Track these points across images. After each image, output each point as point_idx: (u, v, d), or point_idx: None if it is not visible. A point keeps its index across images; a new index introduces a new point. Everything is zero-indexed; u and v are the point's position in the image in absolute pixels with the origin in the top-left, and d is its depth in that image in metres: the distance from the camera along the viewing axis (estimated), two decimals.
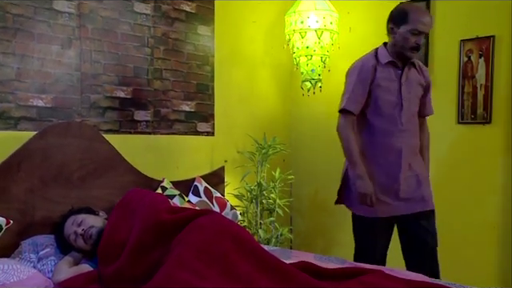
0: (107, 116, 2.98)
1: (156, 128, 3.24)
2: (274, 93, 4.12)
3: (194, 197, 3.12)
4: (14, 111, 2.59)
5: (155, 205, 2.23)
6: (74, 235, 2.25)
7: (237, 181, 3.64)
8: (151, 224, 2.08)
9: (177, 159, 3.38)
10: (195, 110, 3.48)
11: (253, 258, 1.92)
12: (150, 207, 2.19)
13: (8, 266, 2.02)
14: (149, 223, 2.09)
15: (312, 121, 4.10)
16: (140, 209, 2.21)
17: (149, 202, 2.26)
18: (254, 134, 3.63)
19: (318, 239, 4.03)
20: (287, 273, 1.85)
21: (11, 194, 2.38)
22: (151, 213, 2.14)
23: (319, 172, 4.05)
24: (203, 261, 1.84)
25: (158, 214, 2.12)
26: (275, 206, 3.56)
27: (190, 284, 1.67)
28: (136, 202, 2.30)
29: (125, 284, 1.96)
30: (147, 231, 2.07)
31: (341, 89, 2.96)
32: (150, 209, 2.18)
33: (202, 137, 3.54)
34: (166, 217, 2.11)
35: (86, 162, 2.65)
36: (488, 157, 3.15)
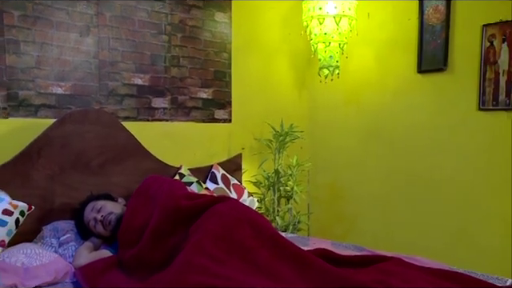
0: (125, 103, 3.00)
1: (173, 115, 3.25)
2: (291, 80, 4.10)
3: (212, 184, 3.14)
4: (34, 99, 2.63)
5: (174, 191, 2.25)
6: (94, 221, 2.29)
7: (254, 168, 3.65)
8: (170, 210, 2.10)
9: (194, 146, 3.39)
10: (212, 97, 3.48)
11: (271, 245, 1.93)
12: (168, 193, 2.21)
13: (31, 250, 2.07)
14: (167, 209, 2.11)
15: (329, 108, 4.07)
16: (159, 195, 2.23)
17: (167, 188, 2.28)
18: (271, 121, 3.62)
19: (335, 226, 4.03)
20: (305, 260, 1.85)
21: (32, 180, 2.42)
22: (170, 199, 2.16)
23: (337, 159, 4.03)
24: (221, 247, 1.86)
25: (176, 200, 2.14)
26: (292, 193, 3.56)
27: (208, 270, 1.68)
28: (155, 189, 2.32)
29: (143, 268, 1.99)
30: (166, 217, 2.09)
31: (359, 76, 2.93)
32: (168, 195, 2.19)
33: (219, 124, 3.54)
34: (185, 203, 2.13)
35: (105, 149, 2.68)
36: (510, 144, 3.09)
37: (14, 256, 1.99)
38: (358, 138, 3.90)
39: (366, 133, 3.83)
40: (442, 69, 3.33)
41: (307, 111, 4.20)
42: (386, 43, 3.68)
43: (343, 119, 3.98)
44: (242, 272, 1.75)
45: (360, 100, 3.86)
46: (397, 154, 3.65)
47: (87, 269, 2.00)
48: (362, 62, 3.84)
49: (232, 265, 1.79)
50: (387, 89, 3.69)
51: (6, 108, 2.52)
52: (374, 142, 3.78)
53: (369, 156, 3.82)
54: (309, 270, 1.80)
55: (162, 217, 2.09)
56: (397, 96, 3.64)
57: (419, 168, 3.52)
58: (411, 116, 3.56)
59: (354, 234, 3.90)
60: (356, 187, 3.91)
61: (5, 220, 2.14)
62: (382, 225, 3.74)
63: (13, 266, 1.92)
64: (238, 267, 1.79)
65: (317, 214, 4.00)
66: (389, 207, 3.70)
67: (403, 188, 3.62)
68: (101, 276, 1.94)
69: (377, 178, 3.77)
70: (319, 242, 2.60)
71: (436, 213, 3.44)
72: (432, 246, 3.41)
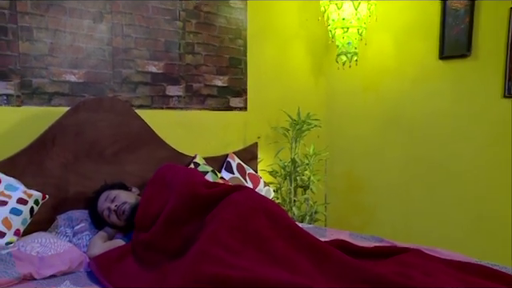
0: (139, 91, 3.00)
1: (188, 103, 3.25)
2: (308, 67, 4.06)
3: (227, 173, 3.13)
4: (48, 86, 2.63)
5: (191, 178, 2.24)
6: (108, 211, 2.29)
7: (270, 157, 3.63)
8: (187, 197, 2.09)
9: (209, 135, 3.38)
10: (228, 84, 3.46)
11: (288, 235, 1.92)
12: (185, 180, 2.20)
13: (46, 239, 2.08)
14: (184, 196, 2.10)
15: (347, 95, 4.03)
16: (175, 182, 2.22)
17: (184, 175, 2.27)
18: (287, 110, 3.60)
19: (353, 217, 4.01)
20: (322, 250, 1.84)
21: (46, 169, 2.43)
22: (187, 186, 2.15)
23: (355, 148, 4.00)
24: (237, 237, 1.85)
25: (194, 187, 2.13)
26: (309, 183, 3.54)
27: (223, 260, 1.68)
28: (171, 176, 2.32)
29: (156, 254, 1.99)
30: (182, 204, 2.08)
31: (378, 62, 2.89)
32: (185, 182, 2.19)
33: (234, 112, 3.53)
34: (203, 190, 2.12)
35: (119, 138, 2.68)
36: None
37: (28, 245, 2.01)
38: (376, 126, 3.86)
39: (385, 121, 3.79)
40: (466, 55, 3.26)
41: (324, 99, 4.16)
42: (406, 28, 3.62)
43: (361, 107, 3.94)
44: (257, 263, 1.74)
45: (379, 87, 3.82)
46: (416, 142, 3.60)
47: (101, 258, 2.00)
48: (380, 48, 3.78)
49: (247, 255, 1.78)
50: (407, 76, 3.63)
51: (19, 96, 2.54)
52: (393, 131, 3.74)
53: (387, 145, 3.78)
54: (326, 261, 1.79)
55: (179, 203, 2.09)
56: (417, 83, 3.58)
57: (439, 157, 3.48)
58: (431, 104, 3.50)
59: (372, 225, 3.88)
60: (374, 177, 3.88)
61: (19, 209, 2.17)
62: (401, 215, 3.71)
63: (28, 255, 1.94)
64: (254, 258, 1.78)
65: (334, 205, 3.99)
66: (408, 197, 3.67)
67: (422, 177, 3.58)
68: (115, 265, 1.95)
69: (395, 168, 3.74)
70: (337, 233, 2.58)
71: (456, 203, 3.40)
72: (452, 236, 3.37)
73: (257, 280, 1.55)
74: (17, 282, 1.81)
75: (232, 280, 1.56)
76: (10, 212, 2.13)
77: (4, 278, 1.78)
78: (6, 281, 1.77)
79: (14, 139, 2.46)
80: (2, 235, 2.07)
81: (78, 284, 1.84)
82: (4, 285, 1.77)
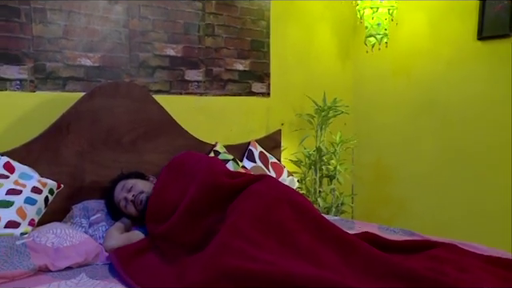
0: (157, 76, 3.00)
1: (208, 88, 3.24)
2: (334, 50, 4.02)
3: (249, 162, 3.13)
4: (62, 71, 2.65)
5: (214, 168, 2.24)
6: (125, 201, 2.31)
7: (294, 145, 3.62)
8: (209, 187, 2.10)
9: (230, 122, 3.38)
10: (249, 68, 3.44)
11: (313, 227, 1.91)
12: (208, 170, 2.20)
13: (61, 230, 2.10)
14: (207, 186, 2.10)
15: (377, 80, 3.98)
16: (197, 171, 2.23)
17: (206, 164, 2.27)
18: (312, 95, 3.57)
19: (382, 209, 3.98)
20: (350, 244, 1.82)
21: (61, 157, 2.46)
22: (210, 175, 2.15)
23: (384, 136, 3.96)
24: (260, 229, 1.84)
25: (217, 177, 2.13)
26: (336, 173, 3.53)
27: (245, 253, 1.67)
28: (191, 164, 2.32)
29: (176, 247, 2.00)
30: (204, 194, 2.09)
31: (409, 44, 2.84)
32: (208, 171, 2.19)
33: (256, 98, 3.51)
34: (226, 180, 2.12)
35: (136, 125, 2.69)
36: None
37: (44, 236, 2.03)
38: (407, 112, 3.81)
39: (417, 107, 3.73)
40: (508, 35, 3.18)
41: (352, 84, 4.12)
42: (441, 7, 3.54)
43: (391, 92, 3.89)
44: (281, 256, 1.73)
45: (410, 71, 3.76)
46: (450, 130, 3.54)
47: (122, 251, 2.01)
48: (413, 28, 3.71)
49: (270, 248, 1.78)
50: (441, 58, 3.56)
51: (33, 81, 2.56)
52: (426, 117, 3.68)
53: (420, 132, 3.73)
54: (354, 254, 1.77)
55: (201, 194, 2.09)
56: (452, 66, 3.51)
57: (475, 146, 3.41)
58: (468, 88, 3.43)
59: (402, 218, 3.84)
60: (404, 167, 3.83)
61: (34, 198, 2.20)
62: (434, 208, 3.66)
63: (43, 246, 1.96)
64: (277, 251, 1.77)
65: (361, 196, 3.97)
66: (441, 188, 3.62)
67: (458, 167, 3.52)
68: (135, 259, 1.96)
69: (428, 157, 3.68)
70: (365, 226, 2.57)
71: (494, 196, 3.34)
72: (489, 231, 3.32)
73: (281, 274, 1.54)
74: (32, 273, 1.83)
75: (254, 273, 1.56)
76: (25, 201, 2.16)
77: (20, 269, 1.80)
78: (21, 272, 1.80)
79: (27, 126, 2.49)
80: (16, 225, 2.09)
81: (95, 277, 1.86)
82: (19, 276, 1.79)
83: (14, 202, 2.12)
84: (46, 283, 1.75)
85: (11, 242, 1.92)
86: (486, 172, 3.37)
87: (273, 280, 1.54)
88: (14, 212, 2.10)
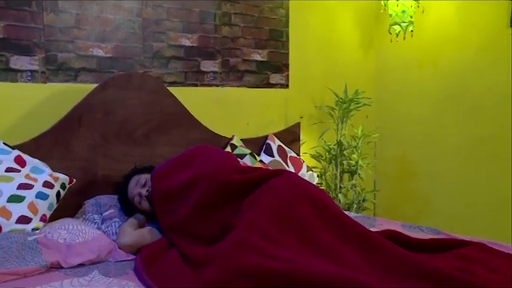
0: (171, 67, 3.01)
1: (224, 80, 3.24)
2: (356, 39, 4.00)
3: (267, 156, 3.13)
4: (74, 62, 2.67)
5: (223, 163, 2.24)
6: (139, 197, 2.32)
7: (314, 139, 3.61)
8: (218, 183, 2.10)
9: (247, 114, 3.38)
10: (267, 59, 3.44)
11: (334, 224, 1.90)
12: (217, 166, 2.21)
13: (73, 226, 2.13)
14: (216, 182, 2.11)
15: (401, 70, 3.95)
16: (207, 167, 2.23)
17: (216, 159, 2.27)
18: (333, 87, 3.55)
19: (405, 206, 3.96)
20: (372, 241, 1.81)
21: (73, 150, 2.48)
22: (219, 172, 2.15)
23: (408, 129, 3.94)
24: (278, 226, 1.84)
25: (226, 174, 2.13)
26: (357, 168, 3.51)
27: (264, 251, 1.67)
28: (202, 159, 2.32)
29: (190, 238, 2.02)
30: (213, 190, 2.09)
31: (436, 32, 2.80)
32: (217, 167, 2.19)
33: (275, 89, 3.51)
34: (236, 177, 2.12)
35: (150, 117, 2.70)
36: None
37: (56, 232, 2.05)
38: (434, 104, 3.77)
39: (444, 98, 3.70)
40: None
41: (375, 75, 4.10)
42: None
43: (417, 83, 3.86)
44: (301, 253, 1.73)
45: (437, 61, 3.72)
46: (480, 122, 3.50)
47: (146, 253, 2.02)
48: (440, 15, 3.67)
49: (290, 245, 1.77)
50: (470, 47, 3.53)
51: (44, 72, 2.58)
52: (454, 109, 3.64)
53: (447, 125, 3.69)
54: (377, 253, 1.76)
55: (210, 190, 2.09)
56: (482, 55, 3.47)
57: (507, 139, 3.37)
58: (499, 77, 3.39)
59: (427, 215, 3.82)
60: (430, 161, 3.81)
61: (46, 193, 2.22)
62: (462, 205, 3.63)
63: (55, 243, 1.99)
64: (297, 248, 1.77)
65: (384, 192, 3.95)
66: (469, 184, 3.59)
67: (488, 162, 3.48)
68: (156, 259, 1.97)
69: (456, 151, 3.65)
70: (387, 223, 2.56)
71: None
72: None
73: (302, 272, 1.54)
74: (44, 270, 1.85)
75: (274, 272, 1.55)
76: (36, 196, 2.18)
77: (32, 265, 1.82)
78: (33, 269, 1.82)
79: (38, 118, 2.52)
80: (28, 221, 2.12)
81: (108, 274, 1.87)
82: (31, 273, 1.81)
83: (25, 197, 2.15)
84: (58, 280, 1.77)
85: (23, 238, 1.94)
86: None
87: (293, 279, 1.53)
88: (25, 207, 2.13)
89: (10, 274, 1.77)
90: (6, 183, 2.14)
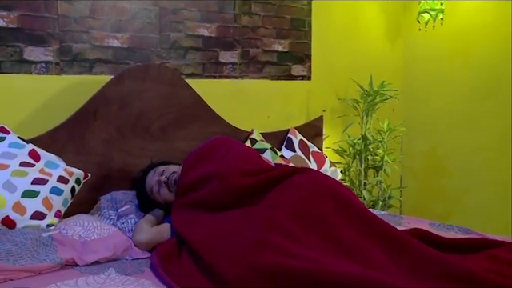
0: (189, 58, 3.02)
1: (244, 71, 3.25)
2: (382, 27, 3.97)
3: (288, 151, 3.13)
4: (89, 53, 2.70)
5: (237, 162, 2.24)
6: (158, 185, 2.33)
7: (337, 133, 3.60)
8: (232, 186, 2.11)
9: (268, 107, 3.38)
10: (289, 49, 3.43)
11: (357, 222, 1.89)
12: (230, 164, 2.21)
13: (88, 222, 2.15)
14: (229, 184, 2.12)
15: (430, 61, 3.93)
16: (222, 164, 2.23)
17: (233, 157, 2.27)
18: (358, 78, 3.54)
19: (434, 204, 3.93)
20: (399, 240, 1.80)
21: (88, 144, 2.51)
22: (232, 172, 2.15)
23: (437, 123, 3.91)
24: (299, 223, 1.84)
25: (239, 176, 2.14)
26: (382, 164, 3.50)
27: (284, 249, 1.67)
28: (221, 155, 2.32)
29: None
30: (225, 192, 2.11)
31: (469, 20, 2.77)
32: (232, 167, 2.19)
33: (296, 81, 3.50)
34: (243, 181, 2.13)
35: (167, 111, 2.72)
36: None
37: (70, 228, 2.08)
38: (465, 96, 3.74)
39: (476, 90, 3.67)
40: None
41: (402, 66, 4.08)
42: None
43: (447, 74, 3.84)
44: (323, 252, 1.73)
45: (469, 50, 3.70)
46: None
47: (162, 250, 2.04)
48: (472, 2, 3.64)
49: (312, 244, 1.77)
50: (505, 35, 3.49)
51: (58, 63, 2.61)
52: (487, 101, 3.62)
53: (479, 118, 3.67)
54: (404, 252, 1.75)
55: (221, 191, 2.12)
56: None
57: None
58: None
59: (457, 214, 3.80)
60: (461, 156, 3.78)
61: (60, 188, 2.25)
62: (495, 203, 3.61)
63: (70, 239, 2.01)
64: (319, 247, 1.77)
65: (411, 189, 3.93)
66: (502, 181, 3.56)
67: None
68: (173, 256, 1.99)
69: (488, 145, 3.63)
70: (415, 222, 2.54)
71: None
72: None
73: (324, 272, 1.54)
74: (58, 267, 1.88)
75: (295, 271, 1.56)
76: (51, 191, 2.21)
77: (46, 262, 1.85)
78: (48, 266, 1.85)
79: (52, 111, 2.55)
80: (42, 216, 2.15)
81: (124, 272, 1.89)
82: (46, 270, 1.84)
83: (39, 192, 2.18)
84: (73, 278, 1.79)
85: (37, 234, 1.98)
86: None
87: (315, 279, 1.53)
88: (39, 202, 2.16)
89: (25, 270, 1.80)
90: (21, 178, 2.17)
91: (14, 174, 2.17)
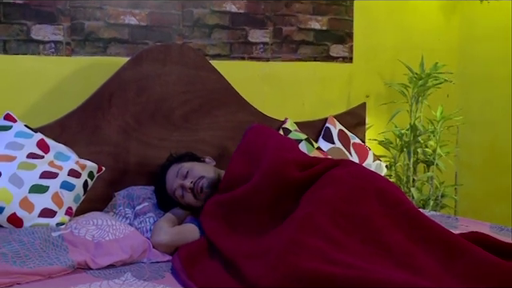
0: (214, 37, 3.03)
1: (276, 52, 3.25)
2: (436, 1, 3.93)
3: (326, 143, 3.13)
4: (103, 31, 2.72)
5: (281, 152, 2.24)
6: (181, 190, 2.33)
7: (382, 123, 3.59)
8: (275, 180, 2.11)
9: (303, 93, 3.38)
10: (328, 27, 3.43)
11: (406, 224, 1.89)
12: (274, 156, 2.21)
13: (102, 221, 2.18)
14: (272, 180, 2.12)
15: (492, 39, 3.88)
16: (262, 155, 2.24)
17: (273, 146, 2.28)
18: (406, 60, 3.51)
19: (494, 204, 3.89)
20: (455, 245, 1.79)
21: (102, 134, 2.53)
22: (276, 165, 2.16)
23: (500, 111, 3.87)
24: (339, 225, 1.85)
25: (284, 169, 2.14)
26: (434, 158, 3.48)
27: (323, 254, 1.68)
28: (259, 146, 2.33)
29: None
30: (269, 188, 2.11)
31: None
32: (274, 158, 2.19)
33: (336, 63, 3.50)
34: (295, 174, 2.13)
35: (190, 97, 2.73)
36: None
37: (83, 227, 2.11)
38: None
39: None
40: None
41: (458, 45, 4.05)
42: None
43: None
44: (366, 258, 1.73)
45: None
46: None
47: (185, 252, 2.05)
48: None
49: (353, 248, 1.78)
50: None
51: (69, 43, 2.64)
52: None
53: None
54: (460, 259, 1.74)
55: (265, 186, 2.11)
56: None
57: None
58: None
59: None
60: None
61: (72, 183, 2.28)
62: None
63: (82, 240, 2.04)
64: (362, 251, 1.77)
65: (468, 187, 3.90)
66: None
67: None
68: (198, 260, 2.00)
69: None
70: (473, 224, 2.53)
71: None
72: None
73: (368, 280, 1.53)
74: (70, 271, 1.90)
75: (335, 279, 1.56)
76: (61, 186, 2.24)
77: (56, 265, 1.87)
78: (58, 269, 1.87)
79: (63, 97, 2.59)
80: (52, 214, 2.18)
81: (142, 277, 1.91)
82: (56, 274, 1.87)
83: (49, 187, 2.21)
84: (85, 283, 1.82)
85: (46, 234, 2.01)
86: None
87: None
88: (49, 198, 2.19)
89: (33, 274, 1.82)
90: (28, 171, 2.20)
91: (20, 166, 2.20)
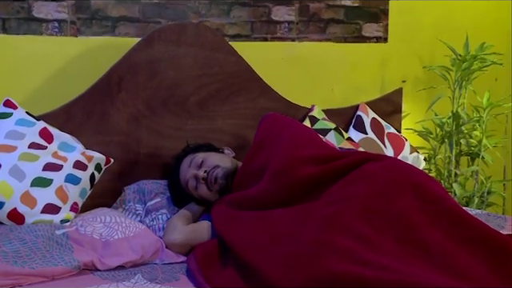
0: (234, 15, 3.03)
1: (303, 32, 3.24)
2: None
3: (357, 132, 3.12)
4: (111, 9, 2.74)
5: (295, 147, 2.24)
6: (194, 180, 2.35)
7: (421, 110, 3.57)
8: (285, 182, 2.12)
9: (332, 78, 3.38)
10: (359, 4, 3.42)
11: (446, 223, 1.88)
12: (286, 150, 2.21)
13: (111, 218, 2.20)
14: (281, 180, 2.13)
15: None
16: (275, 148, 2.24)
17: (288, 139, 2.28)
18: (448, 40, 3.48)
19: None
20: (503, 248, 1.78)
21: (111, 122, 2.56)
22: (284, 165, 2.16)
23: None
24: (372, 222, 1.85)
25: (293, 168, 2.14)
26: (480, 150, 3.45)
27: (354, 254, 1.68)
28: (273, 137, 2.33)
29: None
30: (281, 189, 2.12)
31: None
32: (285, 153, 2.20)
33: (369, 44, 3.49)
34: (308, 171, 2.13)
35: (206, 81, 2.74)
36: None
37: (89, 225, 2.13)
38: None
39: None
40: None
41: (508, 23, 3.97)
42: None
43: None
44: (402, 259, 1.72)
45: None
46: None
47: (201, 253, 2.06)
48: None
49: (387, 248, 1.77)
50: None
51: (74, 22, 2.66)
52: None
53: None
54: (508, 263, 1.73)
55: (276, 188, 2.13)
56: None
57: None
58: None
59: None
60: None
61: (77, 176, 2.30)
62: None
63: (89, 238, 2.06)
64: (397, 252, 1.76)
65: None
66: None
67: None
68: (217, 262, 2.01)
69: None
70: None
71: None
72: None
73: (404, 284, 1.54)
74: (75, 272, 1.91)
75: (367, 282, 1.56)
76: (66, 180, 2.26)
77: (61, 266, 1.89)
78: (62, 270, 1.89)
79: (67, 81, 2.62)
80: (55, 210, 2.20)
81: (154, 280, 1.92)
82: (60, 275, 1.88)
83: (52, 181, 2.23)
84: (92, 285, 1.83)
85: (50, 232, 2.03)
86: None
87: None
88: (52, 193, 2.21)
89: (35, 275, 1.84)
90: (30, 162, 2.22)
91: (22, 157, 2.22)
